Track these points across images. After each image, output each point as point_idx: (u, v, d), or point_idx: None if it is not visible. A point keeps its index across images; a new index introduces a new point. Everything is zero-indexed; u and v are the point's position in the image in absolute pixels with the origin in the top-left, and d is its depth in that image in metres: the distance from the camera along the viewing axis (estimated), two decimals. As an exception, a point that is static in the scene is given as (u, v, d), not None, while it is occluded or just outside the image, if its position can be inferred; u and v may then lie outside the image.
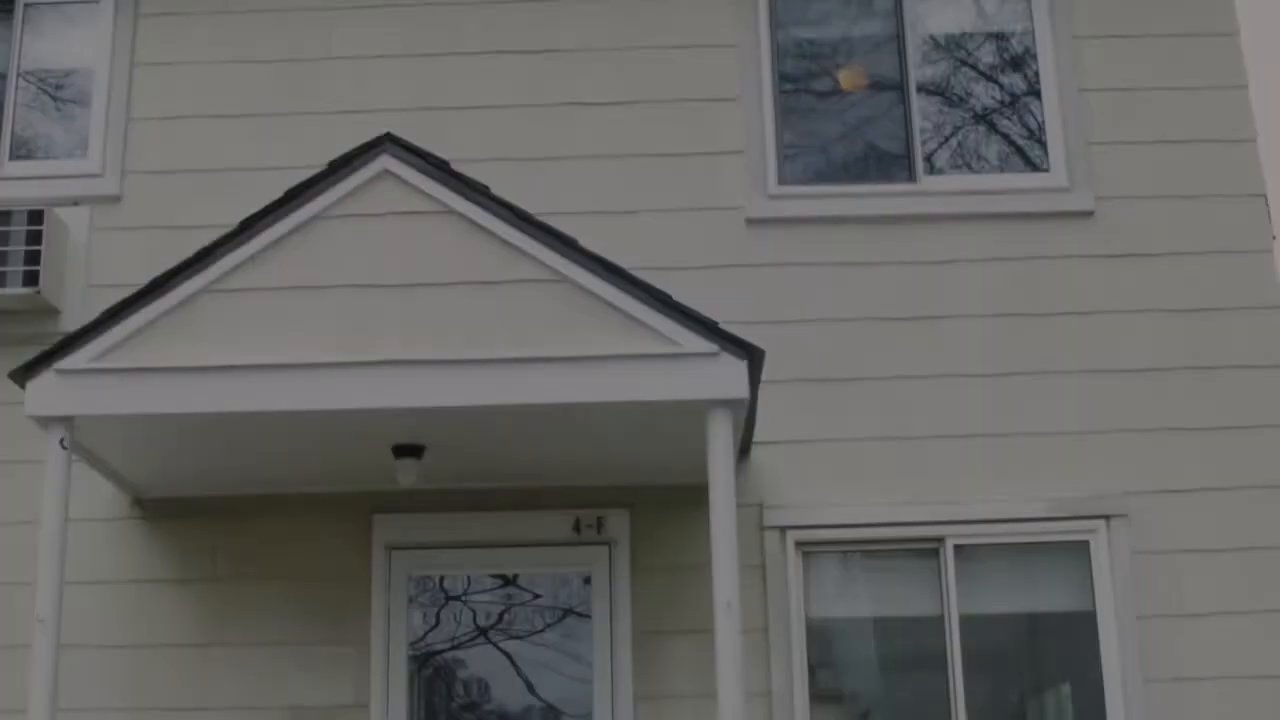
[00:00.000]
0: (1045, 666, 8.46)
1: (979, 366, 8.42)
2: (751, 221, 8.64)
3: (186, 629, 8.08)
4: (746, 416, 7.29)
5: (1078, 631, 8.20)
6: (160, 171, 8.79)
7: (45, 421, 6.82)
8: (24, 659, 6.78)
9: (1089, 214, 8.65)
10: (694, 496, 7.71)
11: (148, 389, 6.78)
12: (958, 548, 8.19)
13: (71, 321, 8.23)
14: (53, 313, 8.47)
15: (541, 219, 7.03)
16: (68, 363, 6.80)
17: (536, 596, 8.40)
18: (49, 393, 6.79)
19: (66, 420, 6.82)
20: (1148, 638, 8.04)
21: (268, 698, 7.97)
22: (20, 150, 9.01)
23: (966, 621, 8.13)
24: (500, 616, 8.40)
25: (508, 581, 8.42)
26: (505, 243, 6.93)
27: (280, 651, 8.03)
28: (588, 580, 8.22)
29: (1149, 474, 8.27)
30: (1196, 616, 8.08)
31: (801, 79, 9.08)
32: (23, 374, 6.81)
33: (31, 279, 8.27)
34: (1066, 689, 8.38)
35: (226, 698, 7.98)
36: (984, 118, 9.03)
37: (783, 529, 8.17)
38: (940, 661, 8.10)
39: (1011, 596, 8.35)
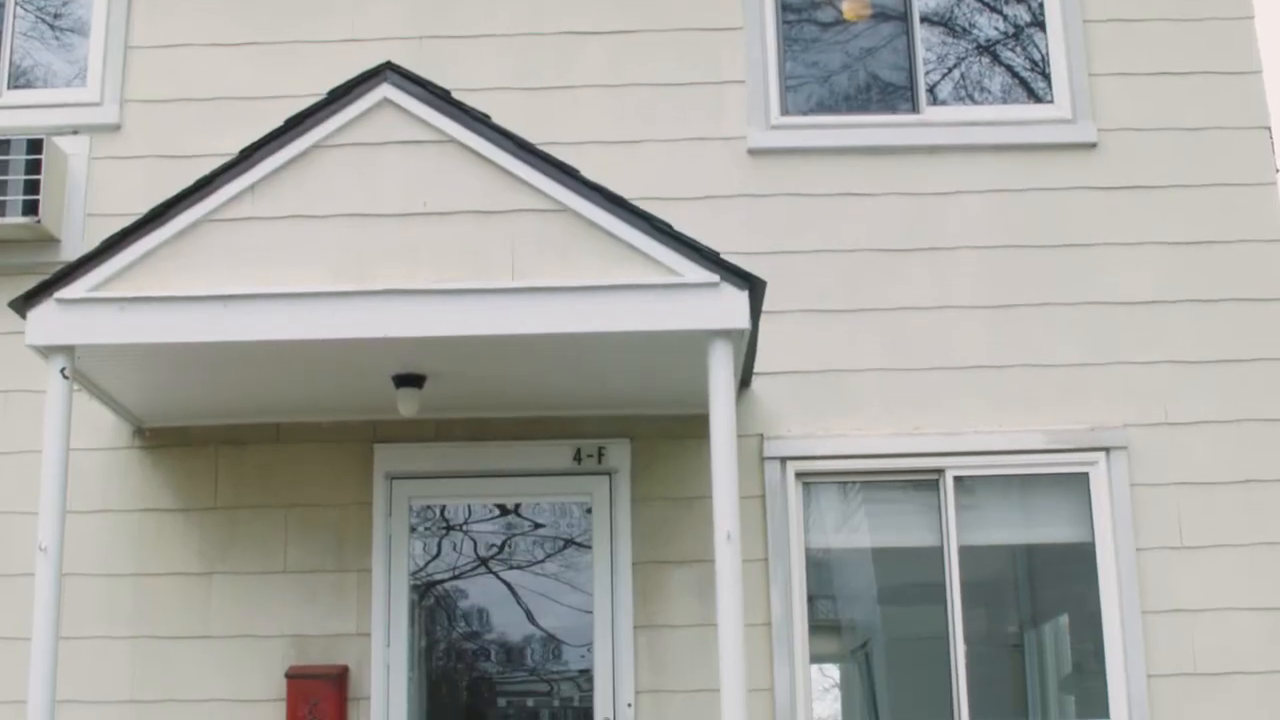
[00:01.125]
0: (1043, 598, 8.50)
1: (980, 298, 8.40)
2: (754, 152, 8.60)
3: (188, 558, 8.11)
4: (747, 347, 7.29)
5: (1076, 563, 8.23)
6: (159, 100, 8.74)
7: (46, 351, 6.81)
8: (26, 588, 6.81)
9: (1092, 146, 8.61)
10: (695, 427, 7.74)
11: (148, 318, 6.76)
12: (957, 479, 8.22)
13: (71, 251, 8.22)
14: (52, 242, 8.45)
15: (543, 149, 7.00)
16: (68, 292, 6.79)
17: (537, 526, 8.43)
18: (49, 322, 6.77)
19: (67, 349, 6.80)
20: (1146, 570, 8.07)
21: (270, 626, 8.01)
22: (19, 79, 8.96)
23: (965, 553, 8.16)
24: (501, 546, 8.43)
25: (507, 511, 8.45)
26: (506, 172, 6.90)
27: (282, 580, 8.06)
28: (588, 510, 8.24)
29: (1149, 407, 8.27)
30: (1195, 549, 8.11)
31: (804, 9, 9.02)
32: (23, 303, 6.79)
33: (31, 208, 8.24)
34: (1064, 620, 8.43)
35: (228, 626, 8.02)
36: (987, 49, 8.98)
37: (783, 460, 8.18)
38: (939, 592, 8.13)
39: (1010, 528, 8.37)
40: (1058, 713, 8.33)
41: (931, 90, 8.81)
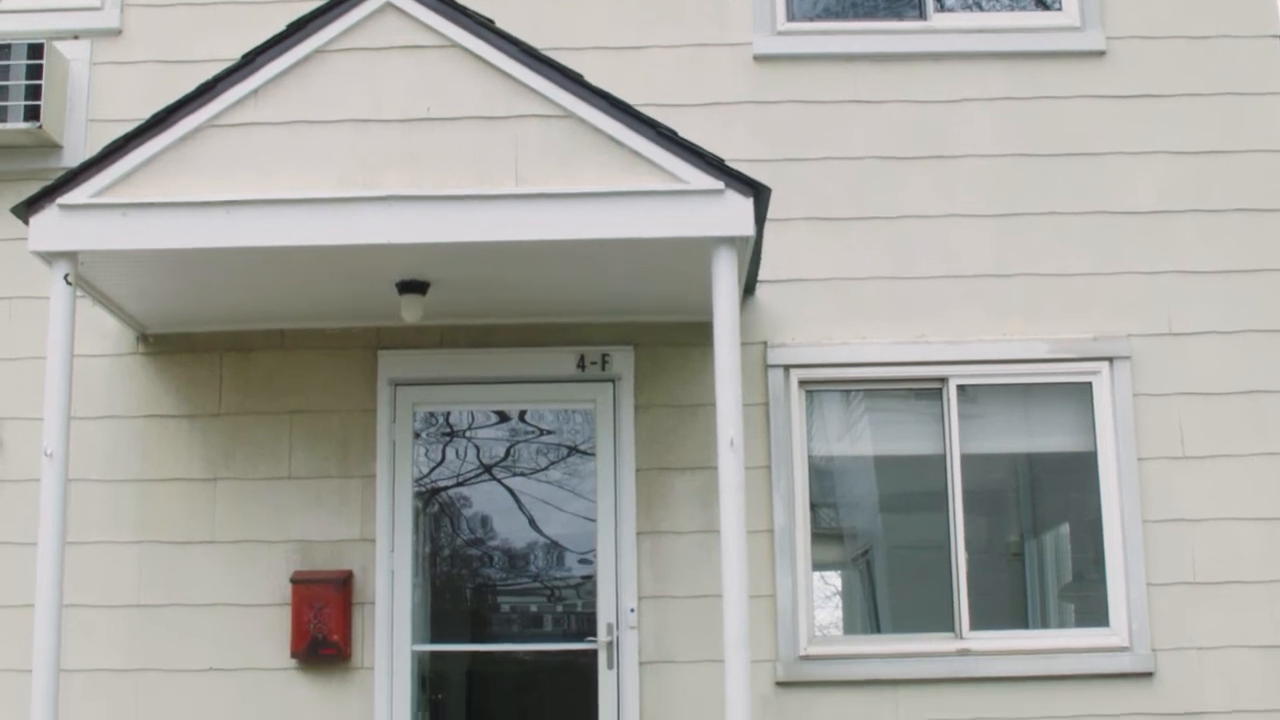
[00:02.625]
0: (1045, 507, 8.53)
1: (986, 207, 8.38)
2: (760, 58, 8.54)
3: (193, 463, 8.14)
4: (752, 254, 7.27)
5: (1078, 473, 8.26)
6: (161, 4, 8.65)
7: (49, 257, 6.80)
8: (33, 493, 6.84)
9: (1100, 54, 8.54)
10: (698, 334, 7.76)
11: (151, 224, 6.74)
12: (960, 388, 8.23)
13: (73, 157, 8.21)
14: (54, 148, 8.42)
15: (547, 54, 6.95)
16: (70, 198, 6.77)
17: (541, 433, 8.45)
18: (52, 228, 6.76)
19: (70, 255, 6.80)
20: (1147, 479, 8.10)
21: (274, 531, 8.05)
22: (19, -17, 8.89)
23: (968, 461, 8.19)
24: (506, 453, 8.46)
25: (510, 418, 8.47)
26: (510, 78, 6.86)
27: (287, 486, 8.09)
28: (591, 417, 8.26)
29: (1153, 317, 8.27)
30: (1196, 459, 8.13)
31: (811, -87, 8.93)
32: (25, 209, 6.77)
33: (32, 114, 8.20)
34: (1065, 529, 8.46)
35: (233, 531, 8.06)
36: (995, -46, 8.90)
37: (786, 367, 8.19)
38: (941, 501, 8.17)
39: (1013, 437, 8.39)
40: (1057, 620, 8.38)
41: (939, -4, 8.76)
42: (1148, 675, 7.92)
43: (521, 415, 8.45)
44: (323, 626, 7.85)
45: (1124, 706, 7.90)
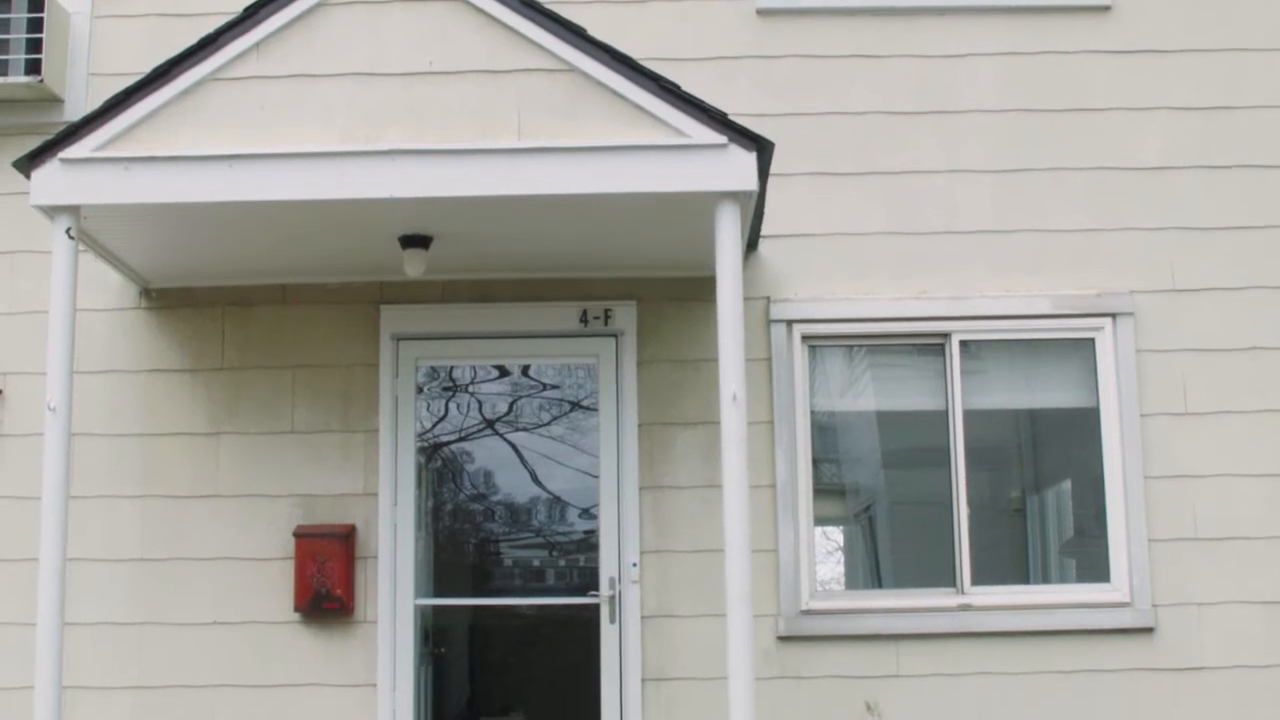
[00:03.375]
0: (1047, 462, 8.54)
1: (989, 162, 8.36)
2: (762, 12, 8.49)
3: (196, 418, 8.15)
4: (755, 209, 7.26)
5: (1080, 428, 8.26)
6: (162, -43, 8.64)
7: (51, 211, 6.80)
8: (36, 448, 6.86)
9: (1105, 9, 8.50)
10: (701, 289, 7.76)
11: (153, 178, 6.73)
12: (963, 343, 8.22)
13: (74, 111, 8.19)
14: (55, 102, 8.39)
15: (549, 7, 6.92)
16: (72, 152, 6.76)
17: (544, 388, 8.45)
18: (53, 182, 6.75)
19: (72, 210, 6.79)
20: (1149, 436, 8.11)
21: (277, 486, 8.07)
22: (18, -64, 8.85)
23: (970, 417, 8.19)
24: (509, 408, 8.47)
25: (510, 373, 8.47)
26: (512, 31, 6.84)
27: (289, 440, 8.10)
28: (594, 372, 8.26)
29: (1156, 273, 8.26)
30: (1199, 415, 8.14)
31: None
32: (27, 163, 6.77)
33: (33, 67, 8.18)
34: (1067, 485, 8.48)
35: (236, 486, 8.07)
36: (1000, -94, 8.83)
37: (789, 322, 8.18)
38: (943, 456, 8.18)
39: (1015, 393, 8.39)
40: (1058, 576, 8.41)
41: (943, -50, 8.70)
42: (1148, 631, 7.94)
43: (524, 370, 8.46)
44: (326, 580, 7.87)
45: (1124, 661, 7.92)
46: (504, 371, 8.48)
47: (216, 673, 7.93)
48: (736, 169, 6.66)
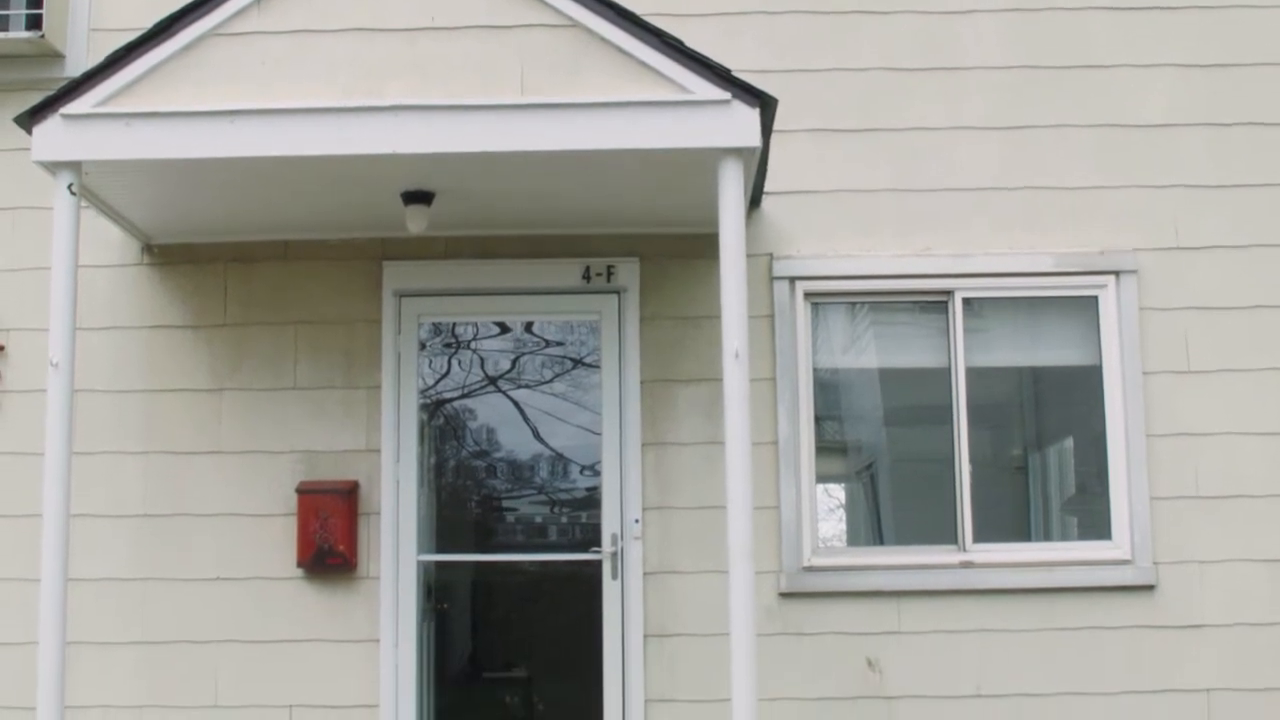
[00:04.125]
0: (1049, 420, 8.55)
1: (993, 119, 8.33)
2: (766, -32, 8.48)
3: (198, 374, 8.15)
4: (758, 166, 7.24)
5: (1082, 386, 8.27)
6: (163, -89, 8.59)
7: (52, 167, 6.79)
8: (39, 403, 6.86)
9: (1109, -37, 8.49)
10: (704, 246, 7.75)
11: (154, 133, 6.71)
12: (966, 301, 8.22)
13: (76, 66, 8.15)
14: (57, 57, 8.37)
15: (552, -38, 6.90)
16: (73, 107, 6.73)
17: (547, 344, 8.45)
18: (55, 138, 6.73)
19: (73, 165, 6.78)
20: (1152, 393, 8.11)
21: (280, 442, 8.08)
22: (18, -110, 8.80)
23: (973, 374, 8.19)
24: (511, 365, 8.47)
25: (512, 330, 8.47)
26: (515, -14, 6.83)
27: (292, 397, 8.11)
28: (597, 329, 8.26)
29: (1160, 231, 8.25)
30: (1201, 373, 8.14)
31: None
32: (28, 119, 6.75)
33: (34, 22, 8.17)
34: (1069, 443, 8.48)
35: (239, 442, 8.09)
36: None
37: (792, 279, 8.18)
38: (945, 414, 8.18)
39: (1018, 350, 8.39)
40: (1060, 534, 8.42)
41: (947, -96, 8.65)
42: (1149, 588, 7.96)
43: (527, 327, 8.45)
44: (328, 536, 7.89)
45: (1125, 619, 7.95)
46: (506, 328, 8.48)
47: (220, 628, 7.96)
48: (740, 125, 6.63)
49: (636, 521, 8.00)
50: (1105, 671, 7.90)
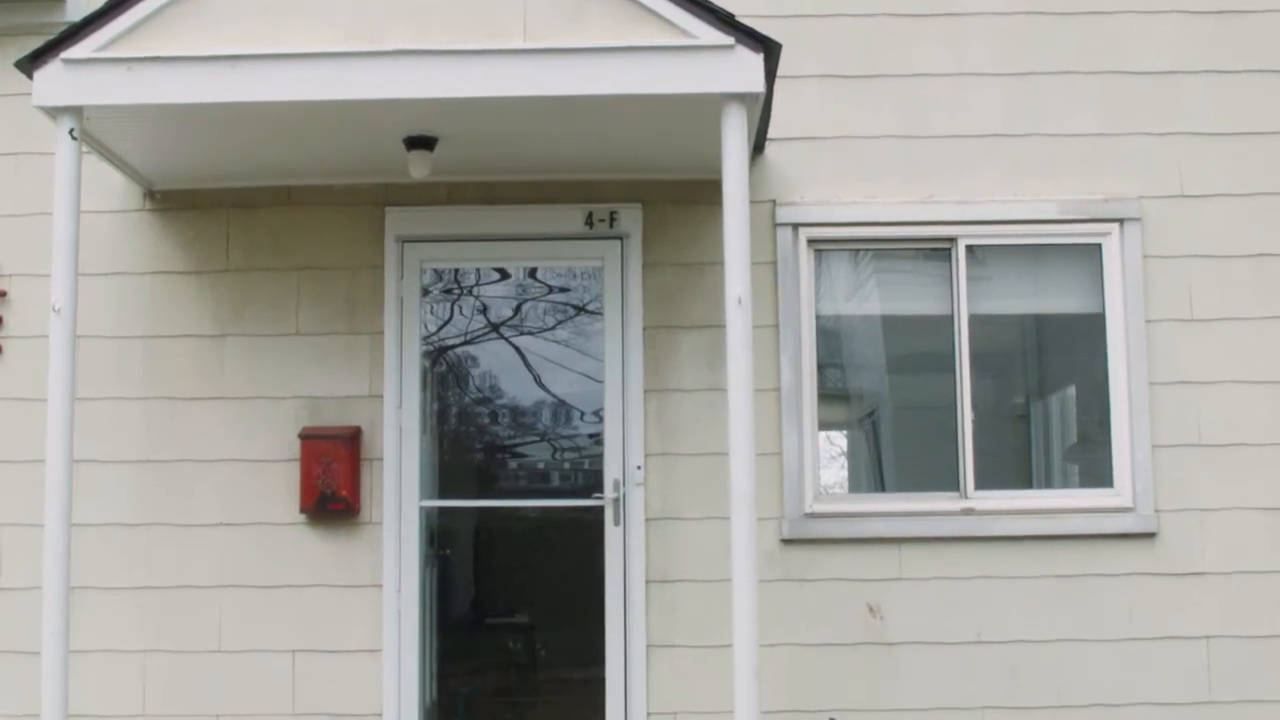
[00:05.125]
0: (1051, 368, 8.55)
1: (997, 66, 8.29)
2: (769, -87, 8.42)
3: (201, 320, 8.15)
4: (761, 112, 7.22)
5: (1085, 334, 8.26)
6: None
7: (53, 112, 6.76)
8: (41, 349, 6.85)
9: (1115, -90, 8.43)
10: (707, 193, 7.72)
11: (155, 78, 6.69)
12: (969, 248, 8.20)
13: (76, 10, 8.10)
14: (57, 2, 8.33)
15: (554, -94, 6.86)
16: (74, 52, 6.71)
17: (549, 291, 8.45)
18: (56, 83, 6.71)
19: (75, 110, 6.75)
20: (1155, 341, 8.10)
21: (283, 387, 8.09)
22: None
23: (975, 322, 8.19)
24: (514, 312, 8.47)
25: (513, 275, 8.45)
26: (517, -69, 6.78)
27: (295, 342, 8.11)
28: (599, 275, 8.25)
29: (1164, 178, 8.22)
30: (1205, 322, 8.13)
31: None
32: (29, 63, 6.72)
33: (35, -34, 8.15)
34: (1071, 391, 8.49)
35: (242, 388, 8.10)
36: None
37: (795, 226, 8.16)
38: (947, 362, 8.18)
39: (1021, 298, 8.38)
40: (1061, 481, 8.44)
41: None
42: (1150, 536, 7.98)
43: (531, 273, 8.44)
44: (331, 482, 7.91)
45: (1126, 566, 7.97)
46: (508, 275, 8.47)
47: (223, 573, 7.99)
48: (743, 70, 6.60)
49: (639, 468, 8.01)
50: (1105, 618, 7.93)
